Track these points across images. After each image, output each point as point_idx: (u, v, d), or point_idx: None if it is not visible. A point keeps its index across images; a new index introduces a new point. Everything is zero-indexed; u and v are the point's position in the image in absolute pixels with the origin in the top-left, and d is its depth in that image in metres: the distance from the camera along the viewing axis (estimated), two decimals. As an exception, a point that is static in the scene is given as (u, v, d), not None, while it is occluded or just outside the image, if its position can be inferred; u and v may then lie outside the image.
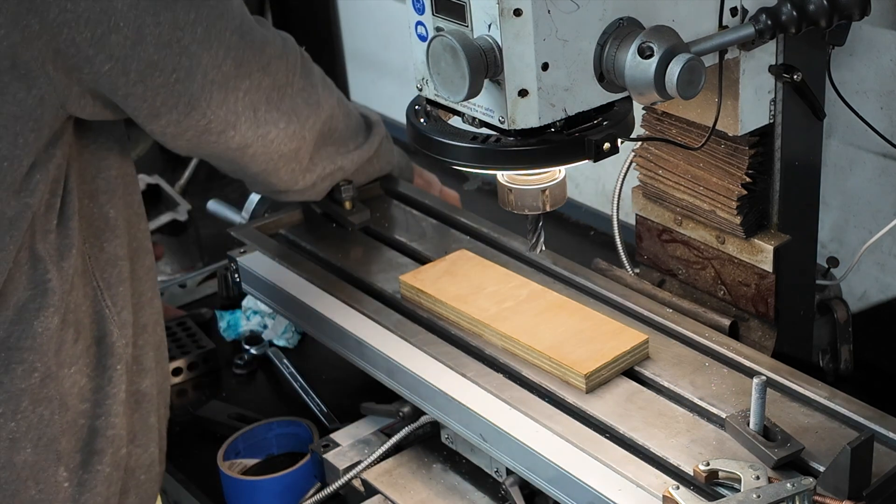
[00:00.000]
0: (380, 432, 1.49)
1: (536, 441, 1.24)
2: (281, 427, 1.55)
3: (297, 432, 1.54)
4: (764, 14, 1.20)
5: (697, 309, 1.44)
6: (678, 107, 1.37)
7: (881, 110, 1.57)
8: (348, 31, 2.67)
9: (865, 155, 1.63)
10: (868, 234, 1.60)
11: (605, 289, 1.49)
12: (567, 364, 1.30)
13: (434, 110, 1.20)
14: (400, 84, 2.44)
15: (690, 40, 1.15)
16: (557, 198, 1.23)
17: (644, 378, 1.33)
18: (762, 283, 1.40)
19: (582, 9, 1.08)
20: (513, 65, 1.07)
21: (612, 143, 1.12)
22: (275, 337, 1.80)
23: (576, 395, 1.30)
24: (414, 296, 1.49)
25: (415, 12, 1.14)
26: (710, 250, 1.44)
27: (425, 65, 1.12)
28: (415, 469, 1.41)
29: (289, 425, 1.55)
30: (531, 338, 1.35)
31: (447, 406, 1.33)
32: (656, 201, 1.49)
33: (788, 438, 1.18)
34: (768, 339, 1.42)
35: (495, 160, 1.14)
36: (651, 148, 1.47)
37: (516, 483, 1.32)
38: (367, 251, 1.64)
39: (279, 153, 1.48)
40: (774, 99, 1.31)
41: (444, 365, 1.37)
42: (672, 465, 1.19)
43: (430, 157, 1.19)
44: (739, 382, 1.30)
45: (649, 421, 1.25)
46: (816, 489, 1.10)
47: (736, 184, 1.36)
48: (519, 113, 1.09)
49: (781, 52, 1.28)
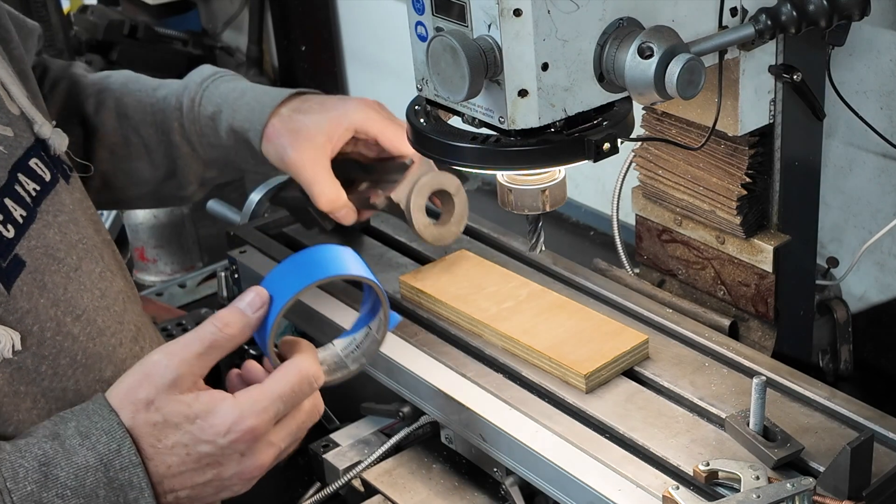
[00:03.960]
0: (380, 432, 1.49)
1: (536, 441, 1.24)
2: None
3: None
4: (764, 14, 1.20)
5: (697, 309, 1.44)
6: (678, 107, 1.37)
7: (881, 110, 1.57)
8: (348, 31, 2.67)
9: (865, 155, 1.63)
10: (868, 234, 1.60)
11: (604, 289, 1.49)
12: (567, 364, 1.30)
13: (434, 110, 1.20)
14: (399, 84, 2.44)
15: (690, 40, 1.15)
16: (557, 198, 1.23)
17: (644, 378, 1.33)
18: (762, 284, 1.40)
19: (582, 9, 1.08)
20: (513, 65, 1.07)
21: (612, 144, 1.12)
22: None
23: (576, 396, 1.30)
24: (414, 296, 1.49)
25: (415, 12, 1.14)
26: (710, 250, 1.44)
27: (425, 65, 1.12)
28: (415, 469, 1.41)
29: None
30: (531, 338, 1.35)
31: (447, 406, 1.33)
32: (656, 201, 1.49)
33: (788, 438, 1.18)
34: (768, 339, 1.42)
35: (495, 160, 1.14)
36: (651, 148, 1.47)
37: (516, 483, 1.32)
38: (367, 251, 1.64)
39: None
40: (774, 99, 1.31)
41: (444, 365, 1.37)
42: (672, 465, 1.19)
43: (431, 157, 1.19)
44: (739, 382, 1.30)
45: (649, 421, 1.25)
46: (816, 489, 1.10)
47: (736, 184, 1.36)
48: (519, 113, 1.09)
49: (781, 52, 1.28)
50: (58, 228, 1.21)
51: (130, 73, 1.62)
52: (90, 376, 1.19)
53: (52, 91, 1.56)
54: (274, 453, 1.11)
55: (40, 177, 1.21)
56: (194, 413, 1.07)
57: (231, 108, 1.50)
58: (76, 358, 1.18)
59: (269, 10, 2.81)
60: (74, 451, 1.05)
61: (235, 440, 1.07)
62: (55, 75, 1.58)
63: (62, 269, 1.19)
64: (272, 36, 2.85)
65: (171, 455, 1.07)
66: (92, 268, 1.24)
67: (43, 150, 1.24)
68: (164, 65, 2.78)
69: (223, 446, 1.07)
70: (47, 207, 1.20)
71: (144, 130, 1.54)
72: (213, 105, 1.52)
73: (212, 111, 1.52)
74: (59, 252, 1.19)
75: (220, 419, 1.07)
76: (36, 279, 1.16)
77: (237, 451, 1.08)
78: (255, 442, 1.08)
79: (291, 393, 1.11)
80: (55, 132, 1.25)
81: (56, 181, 1.24)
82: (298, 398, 1.12)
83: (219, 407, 1.08)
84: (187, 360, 1.09)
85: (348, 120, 1.47)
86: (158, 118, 1.54)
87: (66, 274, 1.20)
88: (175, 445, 1.07)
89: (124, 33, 2.73)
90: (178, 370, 1.08)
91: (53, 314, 1.16)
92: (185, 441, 1.07)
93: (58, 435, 1.06)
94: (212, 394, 1.09)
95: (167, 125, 1.53)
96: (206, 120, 1.52)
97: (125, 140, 1.55)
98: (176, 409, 1.07)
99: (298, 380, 1.11)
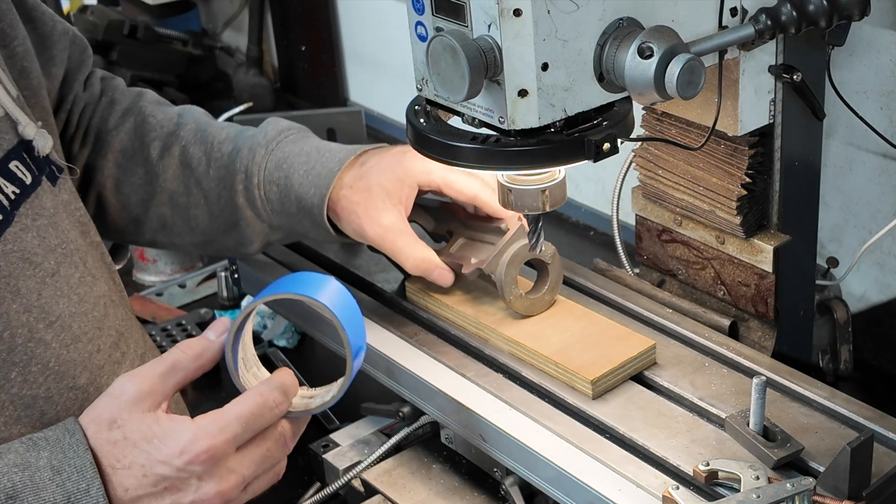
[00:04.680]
0: (380, 432, 1.49)
1: (536, 441, 1.24)
2: None
3: None
4: (764, 14, 1.20)
5: (697, 309, 1.44)
6: (678, 107, 1.37)
7: (881, 110, 1.57)
8: (348, 31, 2.67)
9: (865, 155, 1.63)
10: (868, 234, 1.60)
11: (604, 289, 1.49)
12: (573, 369, 1.30)
13: (434, 110, 1.20)
14: (399, 84, 2.44)
15: (690, 40, 1.15)
16: (557, 198, 1.23)
17: (643, 378, 1.33)
18: (762, 284, 1.40)
19: (582, 9, 1.08)
20: (513, 65, 1.07)
21: (612, 144, 1.12)
22: (275, 337, 1.80)
23: (575, 396, 1.30)
24: (420, 299, 1.48)
25: (415, 12, 1.14)
26: (710, 250, 1.44)
27: (425, 65, 1.12)
28: (415, 469, 1.41)
29: None
30: (537, 342, 1.35)
31: (447, 406, 1.33)
32: (656, 201, 1.49)
33: (788, 438, 1.18)
34: (768, 339, 1.42)
35: (495, 160, 1.14)
36: (651, 148, 1.47)
37: (516, 483, 1.32)
38: (367, 251, 1.64)
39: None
40: (774, 99, 1.31)
41: (444, 365, 1.37)
42: (672, 465, 1.19)
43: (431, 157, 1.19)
44: (739, 382, 1.30)
45: (649, 421, 1.25)
46: (816, 489, 1.10)
47: (736, 184, 1.36)
48: (519, 113, 1.09)
49: (781, 52, 1.28)
50: (36, 232, 1.19)
51: (201, 118, 1.54)
52: (63, 383, 1.18)
53: (118, 126, 1.51)
54: (235, 481, 1.09)
55: (20, 179, 1.19)
56: (153, 433, 1.07)
57: (297, 176, 1.44)
58: (48, 365, 1.17)
59: (269, 10, 2.81)
60: (44, 486, 1.04)
61: (190, 461, 1.06)
62: (124, 108, 1.53)
63: (37, 275, 1.18)
64: (272, 36, 2.85)
65: (129, 476, 1.06)
66: (71, 272, 1.22)
67: (26, 152, 1.22)
68: (164, 65, 2.78)
69: (179, 468, 1.06)
70: (26, 211, 1.19)
71: (207, 184, 1.49)
72: (279, 171, 1.45)
73: (277, 177, 1.45)
74: (36, 256, 1.18)
75: (175, 440, 1.07)
76: (9, 284, 1.15)
77: (194, 475, 1.07)
78: (212, 465, 1.07)
79: (250, 415, 1.09)
80: (40, 133, 1.23)
81: (38, 184, 1.22)
82: (259, 422, 1.10)
83: (177, 428, 1.08)
84: (149, 379, 1.10)
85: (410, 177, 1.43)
86: (222, 173, 1.48)
87: (42, 279, 1.18)
88: (132, 465, 1.06)
89: (124, 33, 2.73)
90: (140, 387, 1.09)
91: (25, 320, 1.15)
92: (142, 461, 1.06)
93: (28, 465, 1.05)
94: (173, 418, 1.09)
95: (231, 186, 1.48)
96: (269, 186, 1.46)
97: (186, 189, 1.50)
98: (136, 427, 1.07)
99: (259, 403, 1.10)
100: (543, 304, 1.41)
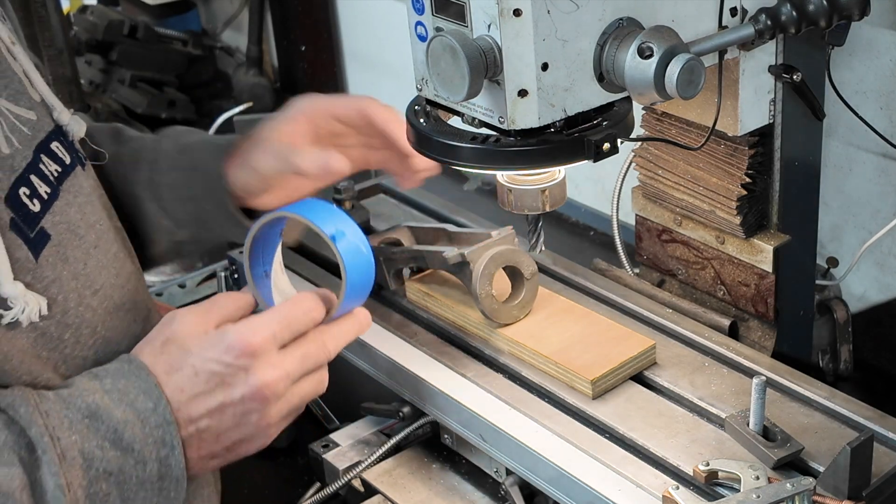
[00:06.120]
0: (380, 432, 1.49)
1: (536, 441, 1.24)
2: None
3: None
4: (764, 14, 1.20)
5: (697, 309, 1.44)
6: (678, 107, 1.37)
7: (881, 110, 1.57)
8: (348, 31, 2.67)
9: (865, 155, 1.63)
10: (867, 234, 1.60)
11: (604, 289, 1.49)
12: (573, 369, 1.30)
13: (434, 110, 1.20)
14: (399, 84, 2.44)
15: (690, 40, 1.15)
16: (557, 198, 1.23)
17: (643, 378, 1.33)
18: (762, 283, 1.40)
19: (582, 9, 1.08)
20: (512, 65, 1.07)
21: (612, 144, 1.12)
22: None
23: (575, 396, 1.30)
24: (421, 299, 1.48)
25: (414, 12, 1.14)
26: (710, 250, 1.44)
27: (425, 65, 1.12)
28: (415, 469, 1.41)
29: None
30: (537, 342, 1.35)
31: (447, 406, 1.33)
32: (656, 201, 1.49)
33: (788, 438, 1.18)
34: (768, 339, 1.42)
35: (495, 160, 1.14)
36: (651, 148, 1.47)
37: (516, 483, 1.32)
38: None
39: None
40: (774, 99, 1.31)
41: (444, 365, 1.37)
42: (672, 465, 1.19)
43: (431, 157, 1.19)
44: (739, 382, 1.30)
45: (649, 421, 1.25)
46: (816, 489, 1.10)
47: (735, 184, 1.37)
48: (519, 113, 1.09)
49: (781, 52, 1.28)
50: (78, 208, 1.25)
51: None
52: (109, 348, 1.23)
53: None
54: (279, 374, 1.15)
55: (61, 159, 1.24)
56: (200, 340, 1.15)
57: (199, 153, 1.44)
58: (96, 329, 1.22)
59: (269, 10, 2.81)
60: (115, 405, 1.11)
61: (238, 356, 1.13)
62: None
63: (82, 245, 1.23)
64: (272, 36, 2.85)
65: (182, 377, 1.13)
66: (108, 247, 1.28)
67: (62, 136, 1.27)
68: (164, 65, 2.78)
69: (227, 363, 1.13)
70: (68, 187, 1.24)
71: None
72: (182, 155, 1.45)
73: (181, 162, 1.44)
74: (80, 229, 1.23)
75: (221, 340, 1.14)
76: (59, 252, 1.20)
77: (241, 369, 1.13)
78: (256, 359, 1.14)
79: (289, 315, 1.17)
80: (73, 119, 1.28)
81: (75, 165, 1.27)
82: (295, 325, 1.17)
83: (221, 333, 1.16)
84: (193, 309, 1.19)
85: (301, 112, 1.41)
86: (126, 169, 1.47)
87: (86, 250, 1.24)
88: (184, 366, 1.14)
89: (124, 33, 2.73)
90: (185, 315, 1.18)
91: (74, 286, 1.21)
92: (192, 362, 1.14)
93: (96, 390, 1.12)
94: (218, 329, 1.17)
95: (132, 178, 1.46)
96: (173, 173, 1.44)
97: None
98: (186, 337, 1.15)
99: (293, 308, 1.17)
100: (509, 317, 1.39)
